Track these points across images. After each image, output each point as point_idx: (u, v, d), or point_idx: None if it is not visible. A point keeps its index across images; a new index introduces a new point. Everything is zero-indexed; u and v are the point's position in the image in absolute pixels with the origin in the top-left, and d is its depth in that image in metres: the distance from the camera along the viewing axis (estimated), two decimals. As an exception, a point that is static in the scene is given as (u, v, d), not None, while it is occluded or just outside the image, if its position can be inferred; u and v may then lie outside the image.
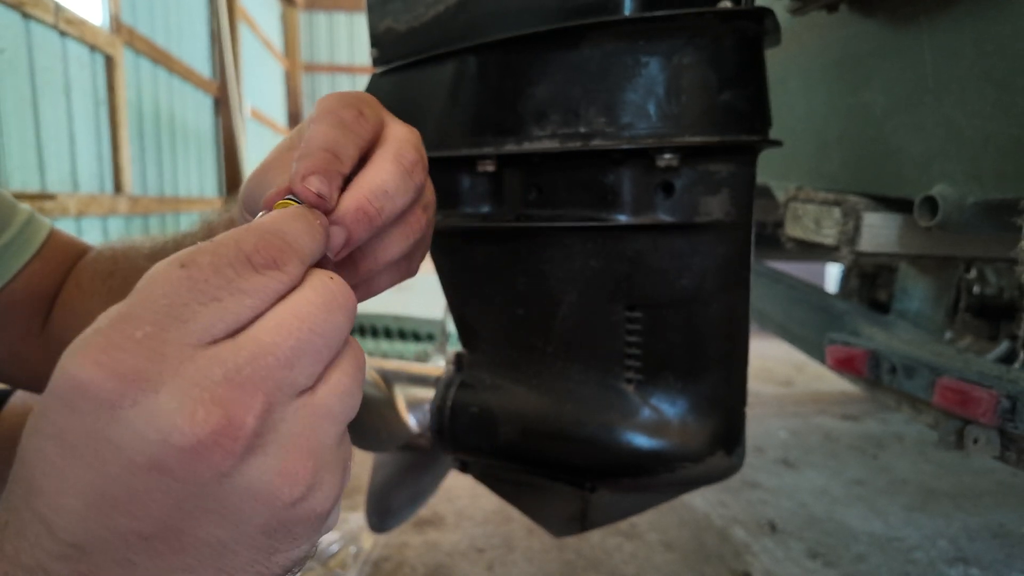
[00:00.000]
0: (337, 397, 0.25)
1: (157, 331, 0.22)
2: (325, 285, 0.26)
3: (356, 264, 0.34)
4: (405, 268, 0.38)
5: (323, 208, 0.29)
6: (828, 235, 0.86)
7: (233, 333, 0.23)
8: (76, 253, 0.56)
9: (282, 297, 0.25)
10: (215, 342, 0.23)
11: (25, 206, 0.54)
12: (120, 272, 0.52)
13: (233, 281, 0.24)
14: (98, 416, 0.21)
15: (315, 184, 0.29)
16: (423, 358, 2.23)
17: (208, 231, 0.48)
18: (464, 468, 0.66)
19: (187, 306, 0.23)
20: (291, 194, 0.30)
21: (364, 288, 0.36)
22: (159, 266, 0.23)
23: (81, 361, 0.21)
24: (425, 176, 0.35)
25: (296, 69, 6.64)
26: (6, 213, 0.51)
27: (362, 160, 0.33)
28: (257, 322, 0.24)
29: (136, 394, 0.21)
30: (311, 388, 0.25)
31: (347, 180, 0.32)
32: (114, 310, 0.23)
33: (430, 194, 0.38)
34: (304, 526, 0.25)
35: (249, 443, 0.22)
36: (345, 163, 0.31)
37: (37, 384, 0.58)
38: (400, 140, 0.34)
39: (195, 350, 0.22)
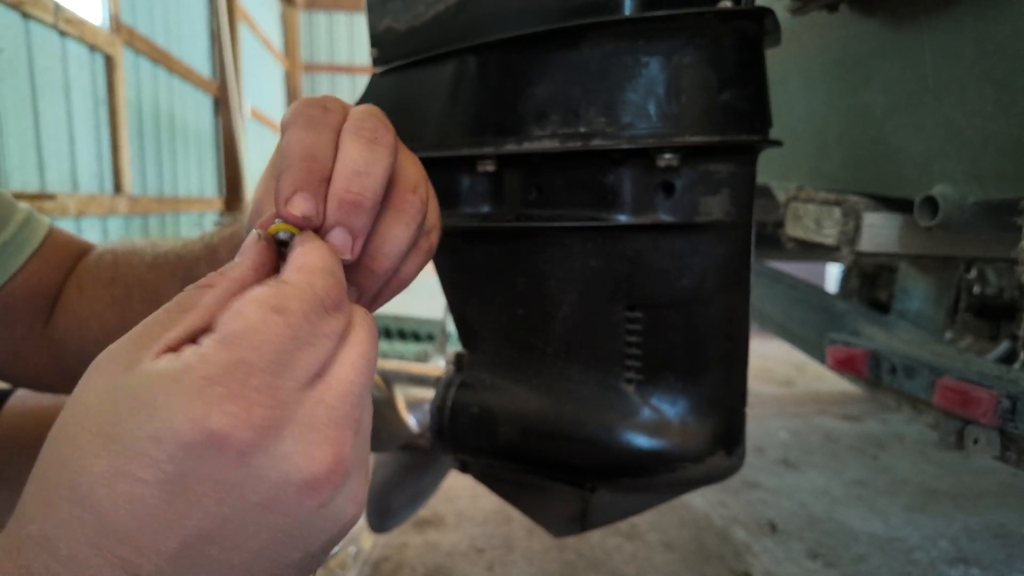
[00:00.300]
0: (370, 418, 0.28)
1: (272, 379, 0.24)
2: (368, 321, 0.29)
3: (372, 269, 0.34)
4: (426, 248, 0.38)
5: (312, 226, 0.30)
6: (828, 235, 0.86)
7: (321, 373, 0.26)
8: (76, 252, 0.56)
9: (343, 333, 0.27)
10: (311, 383, 0.25)
11: (24, 205, 0.53)
12: (122, 279, 0.52)
13: (318, 326, 0.26)
14: (226, 463, 0.23)
15: (299, 206, 0.30)
16: (423, 358, 2.23)
17: (210, 251, 0.48)
18: (464, 468, 0.66)
19: (290, 353, 0.24)
20: (280, 217, 0.30)
21: (394, 282, 0.37)
22: (251, 309, 0.25)
23: (208, 411, 0.22)
24: (393, 139, 0.35)
25: (296, 69, 6.64)
26: (4, 212, 0.51)
27: None
28: (336, 362, 0.26)
29: (265, 441, 0.23)
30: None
31: None
32: (214, 353, 0.23)
33: (413, 171, 0.37)
34: (345, 533, 0.27)
35: (348, 475, 0.25)
36: (324, 162, 0.31)
37: (37, 383, 0.58)
38: (355, 116, 0.34)
39: (300, 393, 0.24)
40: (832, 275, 3.41)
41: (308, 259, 0.28)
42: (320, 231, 0.31)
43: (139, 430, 0.22)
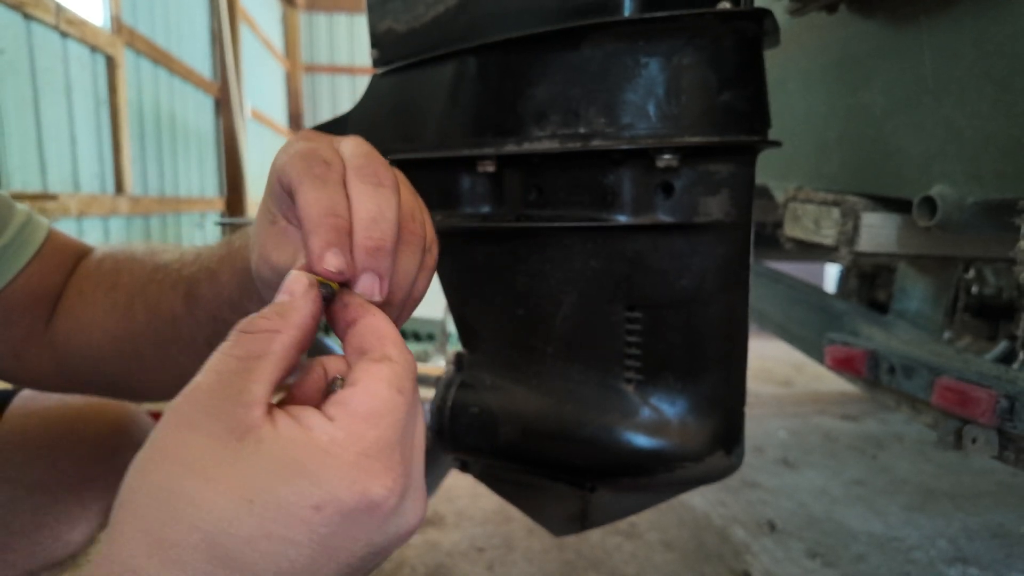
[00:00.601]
0: None
1: (403, 451, 0.29)
2: None
3: (391, 302, 0.37)
4: (430, 264, 0.40)
5: (347, 279, 0.33)
6: (827, 235, 0.87)
7: (414, 437, 0.31)
8: (75, 253, 0.56)
9: None
10: (413, 448, 0.30)
11: (23, 207, 0.54)
12: (123, 287, 0.53)
13: (416, 395, 0.31)
14: (371, 524, 0.27)
15: (333, 263, 0.32)
16: (423, 358, 2.23)
17: (211, 273, 0.49)
18: (464, 468, 0.66)
19: (408, 426, 0.30)
20: (316, 273, 0.33)
21: (409, 305, 0.39)
22: (383, 389, 0.29)
23: (370, 482, 0.27)
24: (393, 176, 0.37)
25: (296, 70, 6.64)
26: (4, 214, 0.51)
27: None
28: (417, 426, 0.31)
29: (400, 504, 0.28)
30: None
31: None
32: (362, 429, 0.28)
33: (408, 196, 0.39)
34: None
35: None
36: (344, 215, 0.34)
37: (39, 383, 0.58)
38: (354, 161, 0.36)
39: (412, 459, 0.30)
40: (831, 275, 3.41)
41: (388, 330, 0.32)
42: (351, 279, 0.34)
43: (298, 499, 0.25)
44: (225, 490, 0.25)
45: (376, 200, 0.34)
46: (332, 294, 0.33)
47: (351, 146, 0.37)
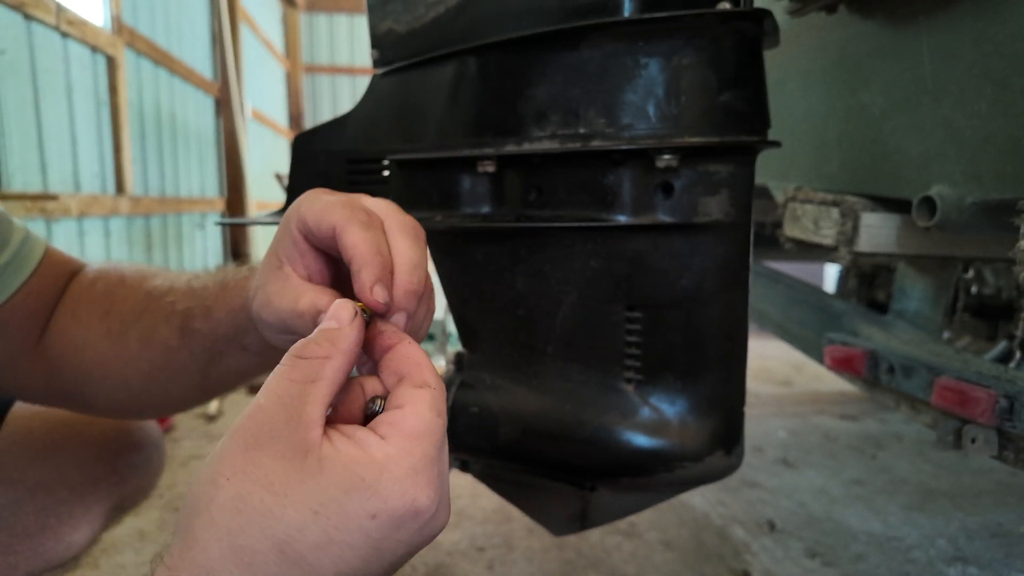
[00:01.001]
0: None
1: (440, 465, 0.32)
2: None
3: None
4: (433, 309, 0.45)
5: (385, 311, 0.37)
6: (826, 235, 0.87)
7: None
8: (69, 270, 0.57)
9: None
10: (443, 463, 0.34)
11: (19, 222, 0.55)
12: (116, 314, 0.55)
13: (445, 418, 0.34)
14: (414, 528, 0.31)
15: (381, 295, 0.36)
16: (423, 358, 2.22)
17: (206, 310, 0.52)
18: (464, 467, 0.66)
19: (443, 444, 0.33)
20: (363, 301, 0.37)
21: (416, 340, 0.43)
22: (426, 411, 0.33)
23: (418, 493, 0.30)
24: (420, 227, 0.42)
25: (297, 70, 6.64)
26: (4, 231, 0.52)
27: None
28: (446, 445, 0.35)
29: (436, 510, 0.32)
30: None
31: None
32: (411, 446, 0.31)
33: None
34: None
35: None
36: (388, 256, 0.38)
37: (27, 395, 0.59)
38: (394, 216, 0.40)
39: (445, 472, 0.33)
40: (830, 275, 3.41)
41: (423, 357, 0.36)
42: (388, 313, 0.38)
43: (358, 508, 0.29)
44: (293, 503, 0.28)
45: (417, 251, 0.39)
46: (369, 320, 0.37)
47: (384, 202, 0.42)
